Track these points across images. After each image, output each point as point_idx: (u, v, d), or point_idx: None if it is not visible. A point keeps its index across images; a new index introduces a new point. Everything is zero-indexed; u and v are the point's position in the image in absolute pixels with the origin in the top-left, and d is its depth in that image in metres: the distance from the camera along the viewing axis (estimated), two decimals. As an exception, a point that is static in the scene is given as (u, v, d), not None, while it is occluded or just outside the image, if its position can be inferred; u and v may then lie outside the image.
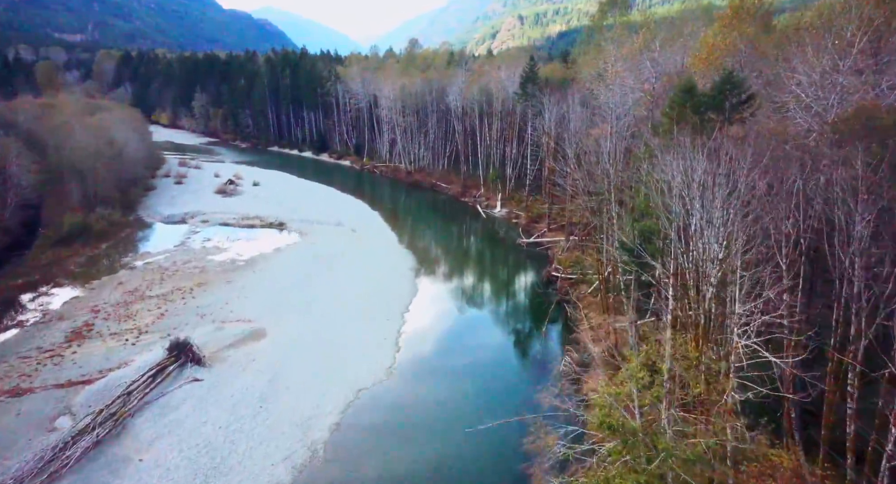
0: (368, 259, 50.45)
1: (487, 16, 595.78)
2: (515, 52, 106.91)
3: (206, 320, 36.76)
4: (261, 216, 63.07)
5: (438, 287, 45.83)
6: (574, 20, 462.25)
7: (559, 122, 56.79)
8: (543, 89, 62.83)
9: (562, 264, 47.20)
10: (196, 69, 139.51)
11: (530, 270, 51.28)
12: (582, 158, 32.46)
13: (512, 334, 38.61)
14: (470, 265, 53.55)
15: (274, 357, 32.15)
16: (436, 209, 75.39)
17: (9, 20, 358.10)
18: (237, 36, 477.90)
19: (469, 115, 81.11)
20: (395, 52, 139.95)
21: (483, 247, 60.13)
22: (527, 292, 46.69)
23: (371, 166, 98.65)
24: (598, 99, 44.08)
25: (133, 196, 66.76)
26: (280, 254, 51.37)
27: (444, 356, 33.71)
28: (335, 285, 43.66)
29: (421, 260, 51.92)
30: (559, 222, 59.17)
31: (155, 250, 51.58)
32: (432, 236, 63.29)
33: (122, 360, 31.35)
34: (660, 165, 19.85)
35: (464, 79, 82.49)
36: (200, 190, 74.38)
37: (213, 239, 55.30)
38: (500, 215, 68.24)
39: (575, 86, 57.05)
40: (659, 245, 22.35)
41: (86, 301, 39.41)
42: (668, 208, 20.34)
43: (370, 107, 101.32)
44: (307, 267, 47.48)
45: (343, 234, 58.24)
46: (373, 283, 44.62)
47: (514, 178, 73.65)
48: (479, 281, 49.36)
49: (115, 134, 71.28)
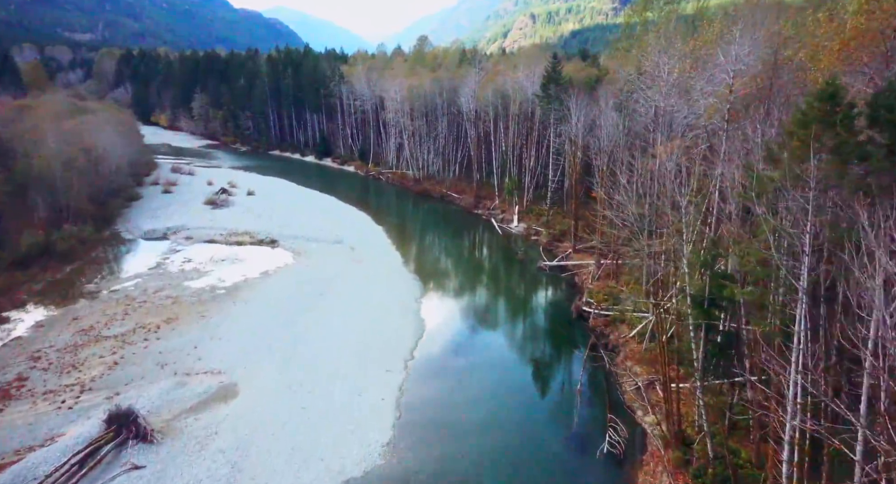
0: (369, 286, 43.77)
1: (499, 14, 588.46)
2: (532, 49, 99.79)
3: (167, 372, 30.20)
4: (251, 232, 56.56)
5: (449, 325, 38.93)
6: (587, 18, 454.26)
7: (588, 128, 49.80)
8: (569, 91, 55.86)
9: (594, 297, 40.21)
10: (196, 68, 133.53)
11: (556, 302, 44.32)
12: (635, 184, 25.62)
13: (538, 391, 31.64)
14: (485, 296, 46.58)
15: (241, 429, 25.49)
16: (446, 223, 68.57)
17: (19, 19, 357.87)
18: (247, 35, 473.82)
19: (483, 119, 74.23)
20: (404, 51, 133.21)
21: (499, 271, 53.12)
22: (553, 332, 39.71)
23: (377, 173, 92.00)
24: (640, 103, 37.07)
25: (113, 208, 60.55)
26: (267, 279, 44.80)
27: (455, 426, 26.84)
28: (326, 322, 36.97)
29: (428, 288, 45.16)
30: (586, 241, 52.18)
31: (126, 274, 45.22)
32: (442, 257, 56.46)
33: (51, 432, 24.82)
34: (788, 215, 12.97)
35: (477, 79, 75.57)
36: (189, 200, 68.08)
37: (194, 260, 48.87)
38: (517, 231, 61.29)
39: (607, 87, 50.00)
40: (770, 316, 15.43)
41: (27, 344, 32.98)
42: (797, 275, 13.43)
43: (376, 109, 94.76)
44: (296, 297, 40.88)
45: (341, 254, 51.61)
46: (371, 318, 37.91)
47: (533, 189, 66.70)
48: (495, 317, 42.37)
49: (97, 139, 65.08)
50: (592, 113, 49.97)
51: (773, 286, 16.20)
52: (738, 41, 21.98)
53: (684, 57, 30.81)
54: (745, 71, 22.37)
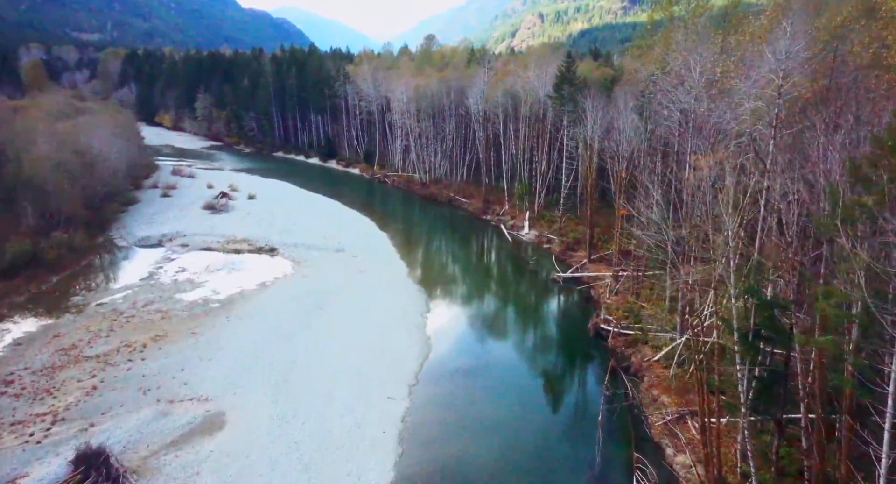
0: (371, 299, 41.15)
1: (507, 14, 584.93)
2: (543, 48, 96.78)
3: (149, 399, 27.67)
4: (250, 239, 54.07)
5: (456, 344, 36.23)
6: (596, 18, 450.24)
7: (605, 131, 46.92)
8: (584, 92, 53.01)
9: (613, 313, 37.36)
10: (200, 68, 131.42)
11: (571, 318, 41.53)
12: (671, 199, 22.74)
13: (555, 423, 28.81)
14: (495, 310, 43.81)
15: (226, 469, 22.87)
16: (453, 229, 65.84)
17: (29, 19, 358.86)
18: (255, 35, 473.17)
19: (492, 121, 71.43)
20: (411, 51, 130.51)
21: (510, 282, 50.31)
22: (569, 352, 36.90)
23: (382, 175, 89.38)
24: (665, 104, 34.14)
25: (108, 213, 58.26)
26: (265, 291, 42.26)
27: (462, 465, 24.13)
28: (324, 340, 34.37)
29: (435, 301, 42.49)
30: (602, 249, 49.33)
31: (116, 285, 42.82)
32: (449, 266, 53.70)
33: (13, 472, 22.28)
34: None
35: (486, 79, 72.78)
36: (188, 205, 65.73)
37: (188, 269, 46.43)
38: (529, 238, 58.48)
39: (624, 88, 47.11)
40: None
41: (1, 366, 30.58)
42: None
43: (382, 110, 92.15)
44: (294, 312, 38.32)
45: (343, 264, 49.02)
46: (373, 336, 35.28)
47: (544, 194, 63.86)
48: (506, 334, 39.56)
49: (93, 141, 62.91)
50: (609, 115, 47.14)
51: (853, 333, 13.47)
52: (788, 35, 19.09)
53: (719, 54, 27.88)
54: (797, 70, 19.50)
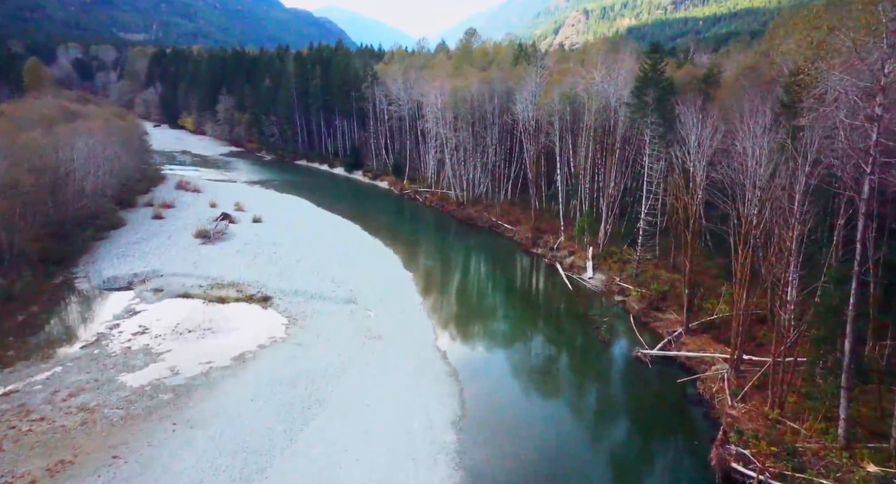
0: (386, 392, 29.15)
1: (549, 11, 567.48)
2: (602, 43, 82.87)
3: None
4: (240, 283, 42.88)
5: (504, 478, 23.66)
6: (644, 13, 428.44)
7: (715, 153, 33.60)
8: (673, 98, 39.78)
9: (750, 442, 24.13)
10: (223, 68, 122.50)
11: (674, 430, 28.43)
12: None
13: None
14: (557, 415, 30.61)
15: None
16: (496, 266, 53.28)
17: (77, 20, 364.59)
18: (297, 35, 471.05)
19: (545, 131, 58.50)
20: (449, 47, 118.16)
21: (575, 359, 36.98)
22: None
23: (412, 191, 77.46)
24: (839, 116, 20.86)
25: (79, 243, 48.11)
26: (240, 371, 30.79)
27: None
28: (317, 470, 22.42)
29: (472, 398, 29.80)
30: (701, 313, 36.08)
31: (44, 356, 32.06)
32: (492, 330, 40.40)
33: None
34: None
35: (538, 80, 59.81)
36: (180, 229, 55.29)
37: (150, 330, 35.49)
38: (593, 285, 45.52)
39: (744, 91, 33.71)
40: None
41: None
42: None
43: (414, 116, 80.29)
44: (272, 413, 26.66)
45: (353, 324, 37.27)
46: (384, 468, 23.16)
47: (611, 224, 50.75)
48: (573, 460, 26.63)
49: (73, 154, 53.19)
50: (720, 130, 33.80)
51: None
52: None
53: None
54: None
